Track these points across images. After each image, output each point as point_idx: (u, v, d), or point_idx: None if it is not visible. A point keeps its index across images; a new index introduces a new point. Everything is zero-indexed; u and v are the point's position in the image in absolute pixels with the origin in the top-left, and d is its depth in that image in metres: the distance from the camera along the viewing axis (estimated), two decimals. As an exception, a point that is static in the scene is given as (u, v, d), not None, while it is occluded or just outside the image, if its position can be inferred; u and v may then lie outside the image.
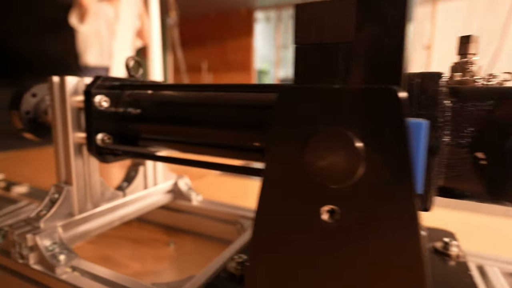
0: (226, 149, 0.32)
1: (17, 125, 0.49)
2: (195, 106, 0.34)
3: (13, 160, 1.17)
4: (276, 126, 0.20)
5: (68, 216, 0.39)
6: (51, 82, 0.38)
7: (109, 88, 0.38)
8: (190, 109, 0.34)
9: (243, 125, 0.30)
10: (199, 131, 0.34)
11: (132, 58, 0.42)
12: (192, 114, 0.33)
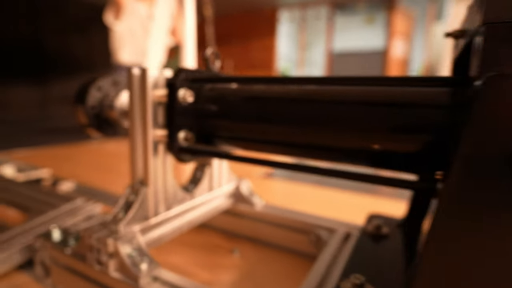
0: (352, 154, 0.27)
1: (82, 120, 0.47)
2: (307, 103, 0.30)
3: (51, 156, 1.18)
4: (478, 129, 0.16)
5: (144, 219, 0.36)
6: (131, 75, 0.35)
7: (191, 81, 0.35)
8: (299, 105, 0.30)
9: (399, 128, 0.25)
10: (316, 132, 0.29)
11: (211, 50, 0.39)
12: (302, 112, 0.29)
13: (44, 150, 1.27)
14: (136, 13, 1.69)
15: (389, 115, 0.25)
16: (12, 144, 1.39)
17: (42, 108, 4.44)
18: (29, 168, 0.82)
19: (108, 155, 1.21)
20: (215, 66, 0.40)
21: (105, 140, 1.53)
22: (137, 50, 1.73)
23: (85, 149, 1.31)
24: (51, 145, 1.38)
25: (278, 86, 0.33)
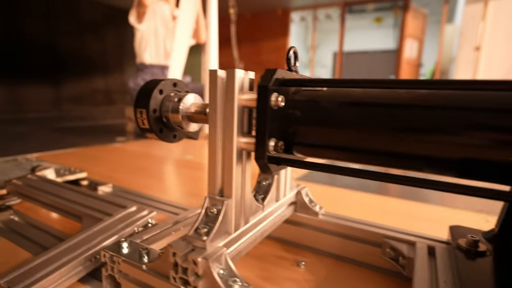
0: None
1: (143, 124, 0.44)
2: (410, 108, 0.27)
3: (77, 157, 1.16)
4: None
5: (226, 234, 0.33)
6: (215, 76, 0.32)
7: (280, 84, 0.32)
8: (399, 111, 0.27)
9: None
10: (417, 140, 0.27)
11: (293, 49, 0.36)
12: (401, 118, 0.27)
13: (68, 151, 1.25)
14: (160, 13, 1.68)
15: (494, 122, 0.23)
16: (33, 144, 1.38)
17: (55, 107, 4.47)
18: (66, 170, 0.80)
19: (134, 156, 1.20)
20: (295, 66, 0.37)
21: (126, 141, 1.51)
22: (160, 51, 1.72)
23: (108, 150, 1.30)
24: (74, 146, 1.37)
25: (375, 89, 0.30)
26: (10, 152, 1.19)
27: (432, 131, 0.26)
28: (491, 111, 0.24)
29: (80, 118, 2.86)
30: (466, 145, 0.25)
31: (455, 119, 0.25)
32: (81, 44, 4.78)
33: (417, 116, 0.27)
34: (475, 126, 0.24)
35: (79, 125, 2.27)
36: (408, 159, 0.28)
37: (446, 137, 0.25)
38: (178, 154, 1.27)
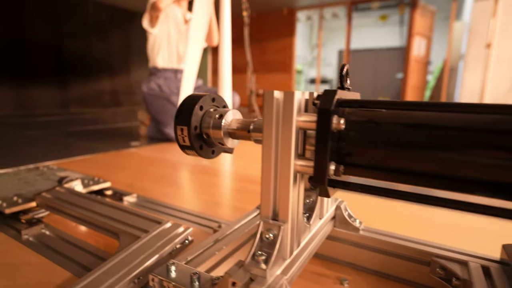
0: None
1: (183, 141, 0.43)
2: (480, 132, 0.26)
3: (93, 164, 1.16)
4: None
5: (281, 260, 0.32)
6: (271, 98, 0.31)
7: (339, 105, 0.31)
8: (468, 134, 0.26)
9: None
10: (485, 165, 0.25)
11: (346, 67, 0.35)
12: (471, 141, 0.26)
13: (85, 157, 1.25)
14: (173, 17, 1.67)
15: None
16: (49, 150, 1.38)
17: (63, 109, 4.50)
18: (90, 180, 0.80)
19: (150, 162, 1.19)
20: (348, 84, 0.36)
21: (141, 146, 1.51)
22: (173, 54, 1.71)
23: (125, 155, 1.30)
24: (90, 152, 1.37)
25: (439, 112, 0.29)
26: (28, 159, 1.19)
27: (499, 155, 0.25)
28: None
29: (90, 122, 2.87)
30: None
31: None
32: (87, 46, 4.80)
33: (484, 139, 0.25)
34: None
35: (90, 129, 2.27)
36: (475, 184, 0.27)
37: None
38: (193, 159, 1.26)
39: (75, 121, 2.78)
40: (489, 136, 0.26)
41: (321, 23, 5.47)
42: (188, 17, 1.76)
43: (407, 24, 7.50)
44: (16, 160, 1.19)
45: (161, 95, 1.68)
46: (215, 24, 1.72)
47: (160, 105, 1.66)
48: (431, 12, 5.00)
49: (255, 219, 0.52)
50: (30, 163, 1.11)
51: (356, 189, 0.31)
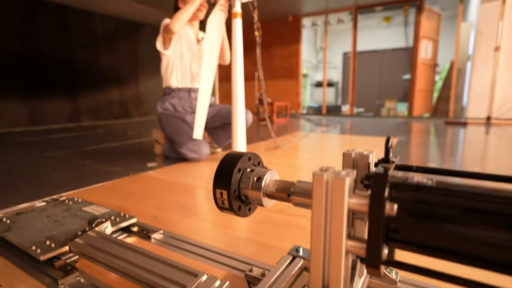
0: None
1: (222, 204, 0.44)
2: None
3: (112, 192, 1.18)
4: None
5: (334, 337, 0.32)
6: (321, 181, 0.31)
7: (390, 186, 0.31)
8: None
9: None
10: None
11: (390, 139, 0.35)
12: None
13: (106, 184, 1.27)
14: (185, 38, 1.69)
15: None
16: (68, 176, 1.40)
17: (75, 121, 4.57)
18: (117, 216, 0.81)
19: (170, 188, 1.20)
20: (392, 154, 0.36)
21: (158, 167, 1.53)
22: (186, 74, 1.73)
23: (143, 180, 1.31)
24: (109, 176, 1.38)
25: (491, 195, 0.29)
26: (51, 188, 1.22)
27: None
28: None
29: (103, 138, 2.91)
30: None
31: None
32: (95, 57, 4.89)
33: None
34: None
35: (105, 147, 2.30)
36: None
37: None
38: (210, 184, 1.27)
39: (88, 138, 2.82)
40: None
41: (326, 28, 5.48)
42: (200, 36, 1.78)
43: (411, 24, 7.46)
44: (40, 189, 1.21)
45: (175, 115, 1.70)
46: (226, 43, 1.74)
47: (175, 124, 1.68)
48: (437, 15, 4.97)
49: (292, 268, 0.52)
50: (54, 193, 1.13)
51: (409, 270, 0.32)
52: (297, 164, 1.64)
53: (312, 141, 2.49)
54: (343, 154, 0.44)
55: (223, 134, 1.86)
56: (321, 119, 5.08)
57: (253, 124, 4.09)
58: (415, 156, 1.85)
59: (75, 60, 4.59)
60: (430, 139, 2.65)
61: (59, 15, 4.34)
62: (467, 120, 4.09)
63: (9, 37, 3.77)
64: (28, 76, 3.99)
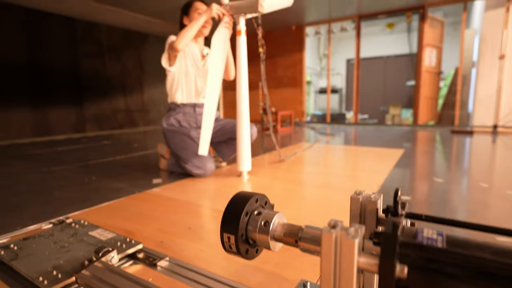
0: None
1: (229, 248, 0.44)
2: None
3: (121, 212, 1.18)
4: None
5: None
6: (329, 239, 0.31)
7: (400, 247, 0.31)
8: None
9: None
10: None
11: (399, 191, 0.35)
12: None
13: (111, 204, 1.27)
14: (190, 54, 1.71)
15: None
16: (74, 194, 1.41)
17: (80, 131, 4.62)
18: (123, 243, 0.81)
19: (175, 207, 1.21)
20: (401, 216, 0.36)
21: (163, 184, 1.53)
22: (191, 90, 1.75)
23: (149, 198, 1.32)
24: (114, 194, 1.39)
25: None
26: (57, 208, 1.22)
27: None
28: None
29: (108, 150, 2.93)
30: None
31: None
32: (101, 66, 4.96)
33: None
34: None
35: (110, 160, 2.32)
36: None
37: None
38: (218, 203, 1.27)
39: (93, 151, 2.84)
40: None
41: (329, 36, 5.49)
42: (205, 52, 1.79)
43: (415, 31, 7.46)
44: (46, 208, 1.22)
45: (181, 130, 1.70)
46: (231, 59, 1.75)
47: (180, 140, 1.69)
48: (441, 22, 4.97)
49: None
50: (61, 213, 1.13)
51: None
52: (301, 179, 1.64)
53: (316, 153, 2.48)
54: (351, 199, 0.44)
55: (227, 148, 1.87)
56: (326, 127, 5.08)
57: (257, 133, 4.09)
58: (420, 170, 1.84)
59: (81, 70, 4.66)
60: (435, 150, 2.63)
61: (67, 27, 4.42)
62: (473, 129, 4.06)
63: (17, 48, 3.85)
64: (35, 86, 4.06)
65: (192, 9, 1.72)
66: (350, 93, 8.61)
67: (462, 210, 1.15)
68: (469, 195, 1.32)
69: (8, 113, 3.75)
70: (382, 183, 1.50)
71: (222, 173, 1.78)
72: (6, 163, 2.27)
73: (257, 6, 1.49)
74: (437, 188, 1.43)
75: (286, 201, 1.26)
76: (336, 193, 1.36)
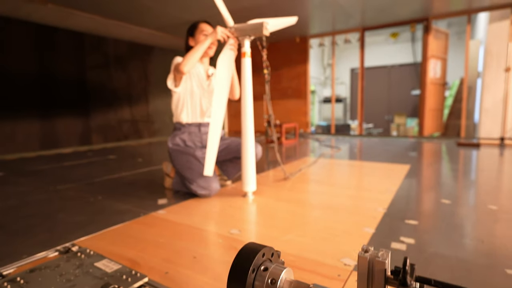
0: None
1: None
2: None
3: (126, 238, 1.18)
4: None
5: None
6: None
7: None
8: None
9: None
10: None
11: (407, 259, 0.35)
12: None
13: (116, 229, 1.28)
14: (195, 74, 1.73)
15: None
16: (80, 218, 1.42)
17: (86, 143, 4.66)
18: (128, 276, 0.81)
19: (180, 232, 1.20)
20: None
21: (168, 206, 1.53)
22: (196, 110, 1.76)
23: (154, 222, 1.32)
24: (119, 217, 1.39)
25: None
26: (63, 232, 1.23)
27: None
28: None
29: (114, 165, 2.95)
30: None
31: None
32: (107, 78, 5.04)
33: None
34: None
35: (115, 177, 2.33)
36: None
37: None
38: (223, 227, 1.27)
39: (99, 166, 2.86)
40: None
41: (333, 48, 5.52)
42: (210, 72, 1.81)
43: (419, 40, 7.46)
44: (52, 233, 1.23)
45: (186, 150, 1.71)
46: (236, 80, 1.77)
47: (185, 160, 1.69)
48: (445, 34, 4.98)
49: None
50: (67, 239, 1.14)
51: None
52: (306, 200, 1.63)
53: (321, 169, 2.48)
54: (358, 257, 0.43)
55: (232, 167, 1.87)
56: (330, 139, 5.07)
57: (262, 146, 4.10)
58: (427, 189, 1.82)
59: (88, 81, 4.74)
60: (442, 166, 2.60)
61: (74, 40, 4.52)
62: (479, 141, 4.02)
63: (27, 61, 3.95)
64: (42, 98, 4.14)
65: (198, 31, 1.74)
66: (355, 102, 8.60)
67: (470, 237, 1.13)
68: (477, 220, 1.31)
69: (17, 124, 3.83)
70: (388, 206, 1.49)
71: (227, 193, 1.78)
72: (14, 180, 2.30)
73: (262, 30, 1.51)
74: (444, 211, 1.41)
75: (290, 226, 1.25)
76: (341, 217, 1.35)
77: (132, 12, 3.95)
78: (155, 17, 4.19)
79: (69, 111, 4.49)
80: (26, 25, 3.93)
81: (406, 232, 1.17)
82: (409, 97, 8.06)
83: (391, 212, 1.40)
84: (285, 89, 5.75)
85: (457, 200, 1.57)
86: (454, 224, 1.25)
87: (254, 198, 1.65)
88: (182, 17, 4.21)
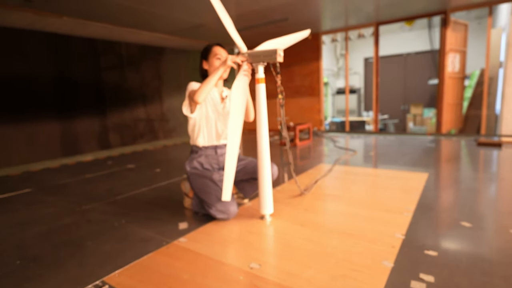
0: None
1: None
2: None
3: (151, 273, 1.23)
4: None
5: None
6: None
7: None
8: None
9: None
10: None
11: None
12: None
13: (141, 262, 1.33)
14: (210, 99, 1.75)
15: None
16: (107, 247, 1.49)
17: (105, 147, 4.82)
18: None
19: (202, 267, 1.25)
20: None
21: (188, 232, 1.58)
22: (212, 133, 1.79)
23: (177, 254, 1.37)
24: (141, 246, 1.45)
25: None
26: (92, 265, 1.30)
27: None
28: None
29: (133, 176, 3.04)
30: None
31: None
32: (122, 78, 5.16)
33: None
34: None
35: (136, 194, 2.41)
36: None
37: None
38: (242, 259, 1.30)
39: (119, 178, 2.95)
40: None
41: (346, 44, 5.40)
42: (224, 94, 1.83)
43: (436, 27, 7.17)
44: (82, 268, 1.30)
45: (203, 173, 1.75)
46: (250, 103, 1.78)
47: (203, 184, 1.73)
48: (464, 25, 4.78)
49: None
50: (96, 276, 1.20)
51: None
52: (323, 223, 1.64)
53: (336, 181, 2.48)
54: None
55: (249, 187, 1.90)
56: (345, 137, 5.02)
57: (275, 149, 4.11)
58: (445, 207, 1.80)
59: (103, 82, 4.92)
60: (461, 174, 2.55)
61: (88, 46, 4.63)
62: (501, 139, 3.90)
63: (47, 67, 4.15)
64: (61, 101, 4.37)
65: (211, 55, 1.75)
66: (369, 92, 8.43)
67: (491, 274, 1.13)
68: (499, 248, 1.29)
69: (38, 126, 4.09)
70: (406, 231, 1.49)
71: (245, 214, 1.82)
72: (41, 199, 2.41)
73: (276, 57, 1.50)
74: (464, 237, 1.40)
75: (309, 259, 1.27)
76: (359, 246, 1.36)
77: (143, 19, 3.97)
78: (165, 23, 4.21)
79: (87, 112, 4.68)
80: (44, 35, 4.05)
81: (425, 267, 1.18)
82: (426, 87, 7.82)
83: (410, 239, 1.40)
84: (298, 87, 5.70)
85: (477, 223, 1.55)
86: (475, 256, 1.24)
87: (271, 221, 1.69)
88: (192, 21, 4.21)
